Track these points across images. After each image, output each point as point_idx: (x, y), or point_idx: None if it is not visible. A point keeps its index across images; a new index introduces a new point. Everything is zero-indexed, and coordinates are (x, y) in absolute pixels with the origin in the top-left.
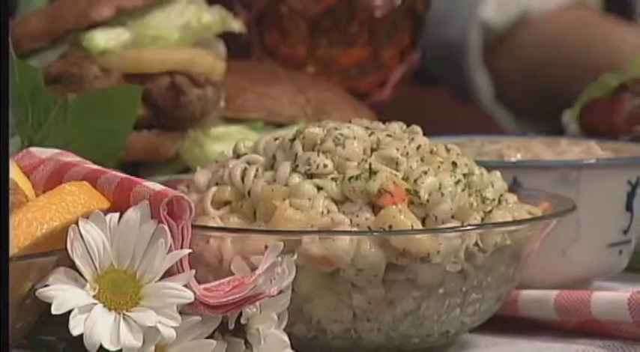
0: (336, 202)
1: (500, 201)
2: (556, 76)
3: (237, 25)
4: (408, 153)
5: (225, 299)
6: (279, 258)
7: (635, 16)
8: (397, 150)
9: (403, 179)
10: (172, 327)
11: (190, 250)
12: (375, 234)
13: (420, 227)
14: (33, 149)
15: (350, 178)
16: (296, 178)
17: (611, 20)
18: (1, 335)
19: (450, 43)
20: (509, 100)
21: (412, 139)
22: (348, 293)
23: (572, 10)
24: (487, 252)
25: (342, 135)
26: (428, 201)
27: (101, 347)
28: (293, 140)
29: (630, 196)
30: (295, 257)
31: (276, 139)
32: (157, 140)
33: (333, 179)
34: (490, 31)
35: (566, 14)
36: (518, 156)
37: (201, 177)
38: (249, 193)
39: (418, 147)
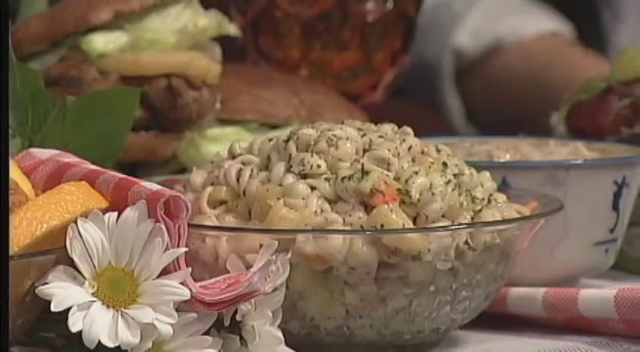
0: (329, 202)
1: (489, 201)
2: (525, 102)
3: (232, 29)
4: (399, 154)
5: (220, 297)
6: (274, 257)
7: (608, 47)
8: (389, 150)
9: (395, 179)
10: (169, 324)
11: (187, 248)
12: (367, 232)
13: (412, 226)
14: (33, 150)
15: (343, 178)
16: (290, 178)
17: (583, 54)
18: (1, 334)
19: (425, 64)
20: (480, 121)
21: (403, 140)
22: (340, 290)
23: (547, 40)
24: (477, 250)
25: (335, 136)
26: (419, 200)
27: (99, 343)
28: (287, 141)
29: (616, 196)
30: (289, 255)
31: (270, 140)
32: (155, 141)
33: (326, 179)
34: (463, 57)
35: (540, 44)
36: (507, 157)
37: (198, 177)
38: (244, 193)
39: (409, 148)
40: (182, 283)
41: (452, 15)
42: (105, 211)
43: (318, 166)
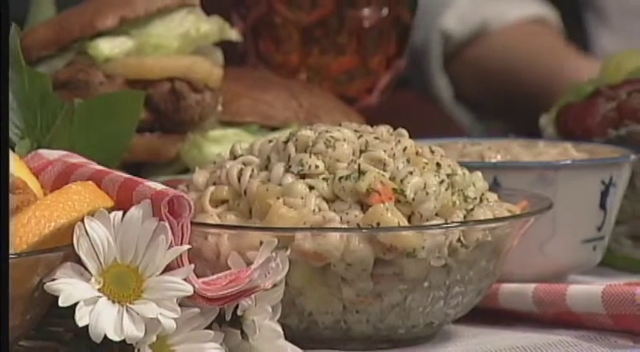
0: (327, 201)
1: (481, 200)
2: (510, 87)
3: (233, 34)
4: (394, 155)
5: (222, 292)
6: (273, 254)
7: (591, 51)
8: (384, 151)
9: (390, 179)
10: (172, 318)
11: (190, 246)
12: (363, 230)
13: (406, 224)
14: (41, 151)
15: (340, 178)
16: (289, 178)
17: (567, 45)
18: (2, 334)
19: (415, 47)
20: (468, 101)
21: (398, 141)
22: (338, 286)
23: (532, 26)
24: (469, 247)
25: (332, 137)
26: (413, 199)
27: (105, 337)
28: (286, 142)
29: (604, 195)
30: (288, 252)
31: (270, 141)
32: (159, 142)
33: (324, 179)
34: (450, 40)
35: (525, 31)
36: (498, 158)
37: (200, 177)
38: (245, 192)
39: (404, 149)
40: (185, 279)
41: (441, 0)
42: (111, 210)
43: (316, 167)
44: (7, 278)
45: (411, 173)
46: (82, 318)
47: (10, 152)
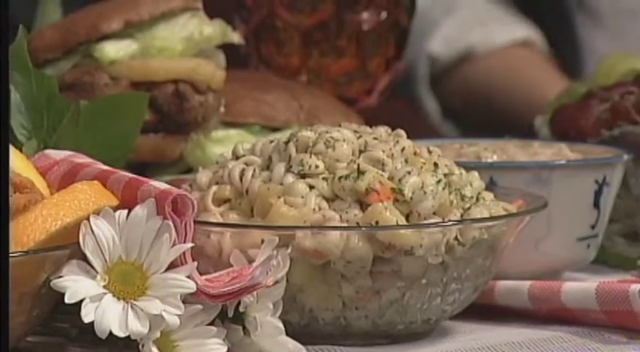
0: (327, 200)
1: (478, 199)
2: (493, 112)
3: (235, 37)
4: (393, 155)
5: (224, 289)
6: (275, 251)
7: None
8: (383, 152)
9: (389, 178)
10: (176, 315)
11: (193, 244)
12: (362, 229)
13: (405, 222)
14: (48, 151)
15: (340, 178)
16: (290, 178)
17: (546, 70)
18: (2, 334)
19: (405, 68)
20: (455, 118)
21: (397, 142)
22: (337, 283)
23: (516, 51)
24: (466, 245)
25: (332, 138)
26: (411, 198)
27: (111, 333)
28: (287, 143)
29: (597, 194)
30: (289, 250)
31: (271, 142)
32: (163, 143)
33: (324, 178)
34: (436, 63)
35: (510, 56)
36: (495, 158)
37: (203, 176)
38: (247, 192)
39: (402, 149)
40: (188, 276)
41: (429, 23)
42: (116, 209)
43: (317, 166)
44: (7, 277)
45: (409, 173)
46: (87, 315)
47: (18, 152)
